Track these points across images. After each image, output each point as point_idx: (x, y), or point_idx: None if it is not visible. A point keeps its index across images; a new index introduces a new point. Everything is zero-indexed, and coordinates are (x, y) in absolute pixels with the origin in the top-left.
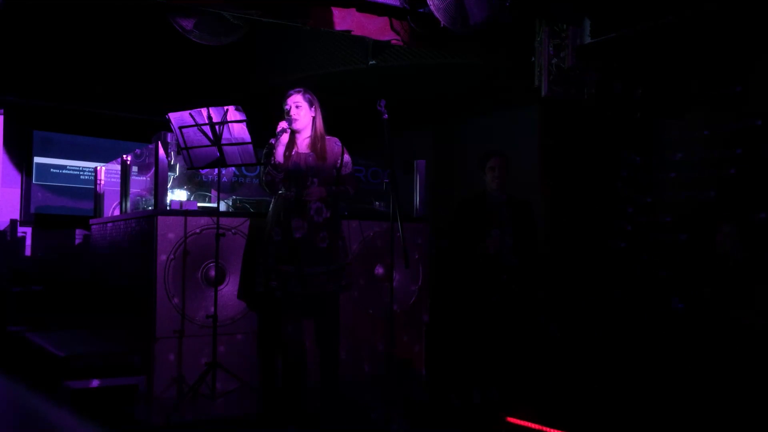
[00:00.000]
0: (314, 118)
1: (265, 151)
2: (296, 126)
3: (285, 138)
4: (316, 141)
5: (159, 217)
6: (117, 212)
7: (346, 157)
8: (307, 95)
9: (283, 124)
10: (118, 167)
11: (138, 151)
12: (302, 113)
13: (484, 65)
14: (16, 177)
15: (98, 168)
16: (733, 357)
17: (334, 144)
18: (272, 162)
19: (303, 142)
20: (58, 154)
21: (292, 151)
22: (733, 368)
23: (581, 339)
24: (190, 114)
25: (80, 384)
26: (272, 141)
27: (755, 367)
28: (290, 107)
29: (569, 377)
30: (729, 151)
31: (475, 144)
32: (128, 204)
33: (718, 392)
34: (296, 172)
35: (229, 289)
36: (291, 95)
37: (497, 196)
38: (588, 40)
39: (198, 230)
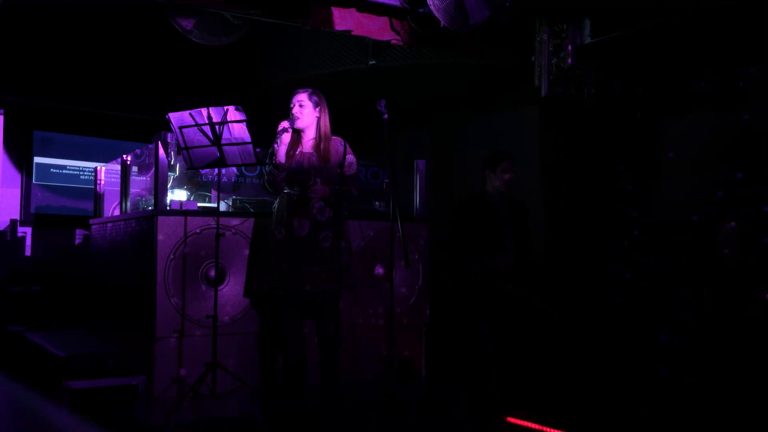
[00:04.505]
0: (319, 119)
1: (269, 151)
2: (298, 125)
3: (286, 137)
4: (320, 141)
5: (159, 217)
6: (117, 212)
7: (350, 157)
8: (314, 96)
9: (284, 124)
10: (118, 167)
11: (138, 151)
12: (305, 112)
13: (484, 65)
14: (16, 177)
15: (98, 168)
16: (733, 356)
17: (338, 144)
18: (274, 162)
19: (308, 143)
20: (58, 154)
21: (296, 150)
22: (734, 367)
23: (581, 339)
24: (190, 114)
25: (80, 384)
26: (276, 142)
27: (756, 365)
28: (294, 105)
29: (569, 377)
30: (730, 150)
31: (474, 144)
32: (128, 204)
33: (720, 391)
34: (299, 172)
35: (229, 289)
36: (297, 94)
37: (496, 197)
38: (588, 40)
39: (198, 230)
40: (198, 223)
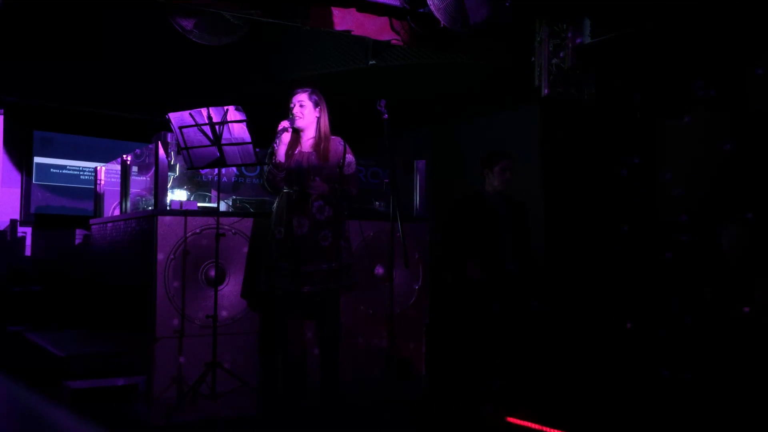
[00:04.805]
0: (319, 119)
1: (269, 151)
2: (298, 124)
3: (286, 137)
4: (319, 141)
5: (159, 217)
6: (117, 212)
7: (349, 157)
8: (314, 96)
9: (284, 123)
10: (118, 167)
11: (138, 151)
12: (306, 112)
13: (484, 65)
14: (16, 177)
15: (98, 168)
16: (734, 355)
17: (337, 144)
18: (274, 161)
19: (307, 142)
20: (58, 154)
21: (295, 150)
22: (734, 366)
23: (581, 339)
24: (190, 114)
25: (80, 384)
26: (276, 142)
27: (756, 364)
28: (294, 105)
29: (569, 377)
30: (729, 150)
31: (474, 144)
32: (128, 204)
33: (720, 390)
34: (298, 171)
35: (229, 289)
36: (297, 94)
37: (495, 197)
38: (588, 40)
39: (198, 230)
40: (198, 223)
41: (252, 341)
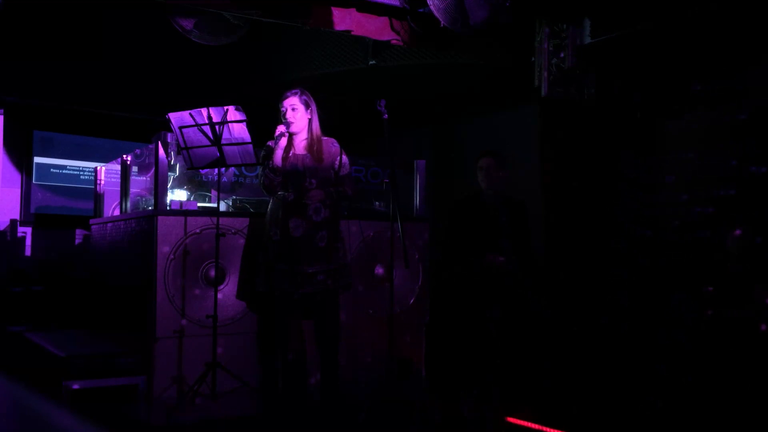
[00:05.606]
0: (311, 120)
1: (263, 153)
2: (293, 129)
3: (284, 142)
4: (312, 142)
5: (159, 217)
6: (117, 212)
7: (344, 158)
8: (303, 96)
9: (281, 128)
10: (118, 167)
11: (138, 151)
12: (298, 116)
13: (484, 65)
14: (16, 177)
15: (98, 168)
16: (734, 356)
17: (331, 145)
18: (270, 166)
19: (300, 144)
20: (58, 154)
21: (289, 152)
22: (734, 367)
23: (582, 339)
24: (190, 114)
25: (80, 384)
26: (270, 143)
27: (756, 365)
28: (286, 110)
29: (569, 377)
30: (729, 150)
31: (474, 144)
32: (128, 204)
33: (719, 391)
34: (294, 174)
35: (229, 289)
36: (287, 98)
37: (493, 196)
38: (588, 40)
39: (198, 230)
40: (198, 223)
41: (251, 341)
